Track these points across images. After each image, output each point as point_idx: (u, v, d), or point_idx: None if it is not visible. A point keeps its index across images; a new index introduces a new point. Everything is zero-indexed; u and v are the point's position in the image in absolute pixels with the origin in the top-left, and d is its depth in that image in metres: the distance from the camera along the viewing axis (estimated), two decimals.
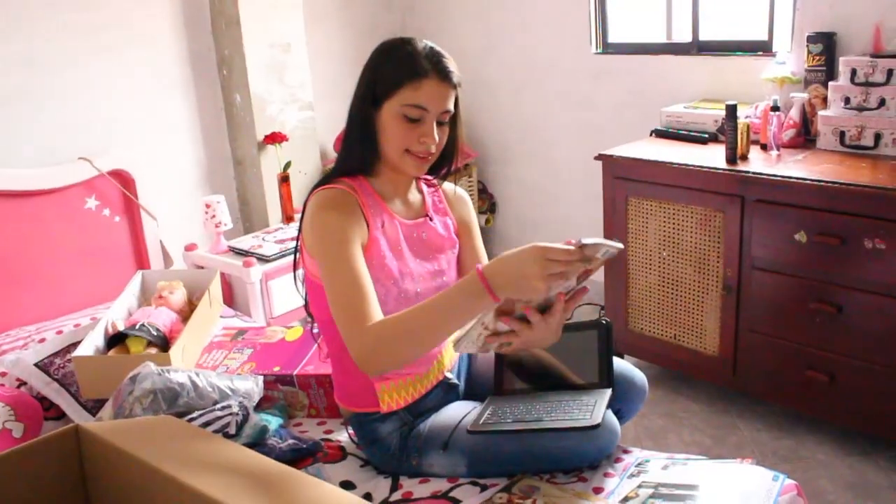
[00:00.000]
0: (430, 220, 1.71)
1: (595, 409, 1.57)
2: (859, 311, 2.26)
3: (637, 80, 3.23)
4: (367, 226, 1.57)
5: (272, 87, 3.23)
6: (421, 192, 1.74)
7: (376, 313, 1.44)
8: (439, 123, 1.57)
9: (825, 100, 2.58)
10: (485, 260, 1.72)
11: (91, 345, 2.03)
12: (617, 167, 2.74)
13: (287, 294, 2.82)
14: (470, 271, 1.35)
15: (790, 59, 2.73)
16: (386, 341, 1.39)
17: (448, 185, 1.79)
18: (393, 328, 1.39)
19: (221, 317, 2.48)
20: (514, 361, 1.76)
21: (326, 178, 1.64)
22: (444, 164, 1.69)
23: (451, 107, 1.57)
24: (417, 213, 1.70)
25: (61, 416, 2.02)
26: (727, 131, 2.48)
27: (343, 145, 1.65)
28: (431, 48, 1.56)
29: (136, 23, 2.94)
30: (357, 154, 1.61)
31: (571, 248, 1.25)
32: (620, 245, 1.30)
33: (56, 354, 2.13)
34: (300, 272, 1.68)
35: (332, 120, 3.50)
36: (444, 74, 1.53)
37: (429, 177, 1.74)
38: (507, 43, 3.67)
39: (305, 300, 1.70)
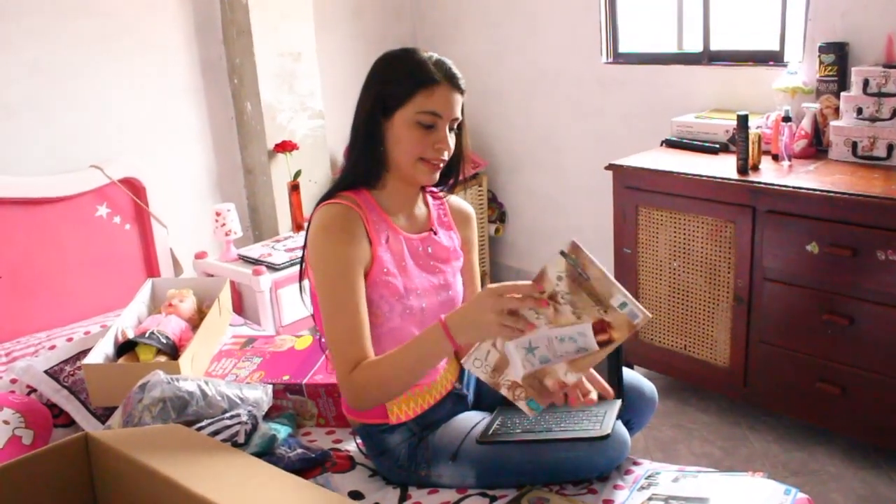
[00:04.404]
0: (435, 233, 1.70)
1: (605, 419, 1.57)
2: (871, 323, 2.24)
3: (647, 89, 3.23)
4: (371, 242, 1.57)
5: (282, 96, 3.24)
6: (427, 205, 1.74)
7: (366, 352, 1.51)
8: (449, 130, 1.58)
9: (837, 110, 2.57)
10: (478, 278, 1.81)
11: (101, 352, 2.03)
12: (627, 177, 2.73)
13: (296, 303, 2.81)
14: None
15: (802, 69, 2.72)
16: (368, 388, 1.49)
17: (455, 200, 1.79)
18: (373, 376, 1.48)
19: (231, 325, 2.48)
20: None
21: (331, 193, 1.63)
22: (451, 174, 1.69)
23: (459, 114, 1.58)
24: (422, 226, 1.70)
25: (70, 423, 2.03)
26: (738, 142, 2.47)
27: (349, 158, 1.65)
28: (437, 57, 1.57)
29: (148, 31, 2.96)
30: (364, 166, 1.61)
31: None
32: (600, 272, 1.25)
33: (66, 362, 2.14)
34: (306, 283, 1.68)
35: (342, 129, 3.50)
36: (453, 81, 1.55)
37: (435, 189, 1.75)
38: (517, 52, 3.67)
39: (312, 311, 1.70)
